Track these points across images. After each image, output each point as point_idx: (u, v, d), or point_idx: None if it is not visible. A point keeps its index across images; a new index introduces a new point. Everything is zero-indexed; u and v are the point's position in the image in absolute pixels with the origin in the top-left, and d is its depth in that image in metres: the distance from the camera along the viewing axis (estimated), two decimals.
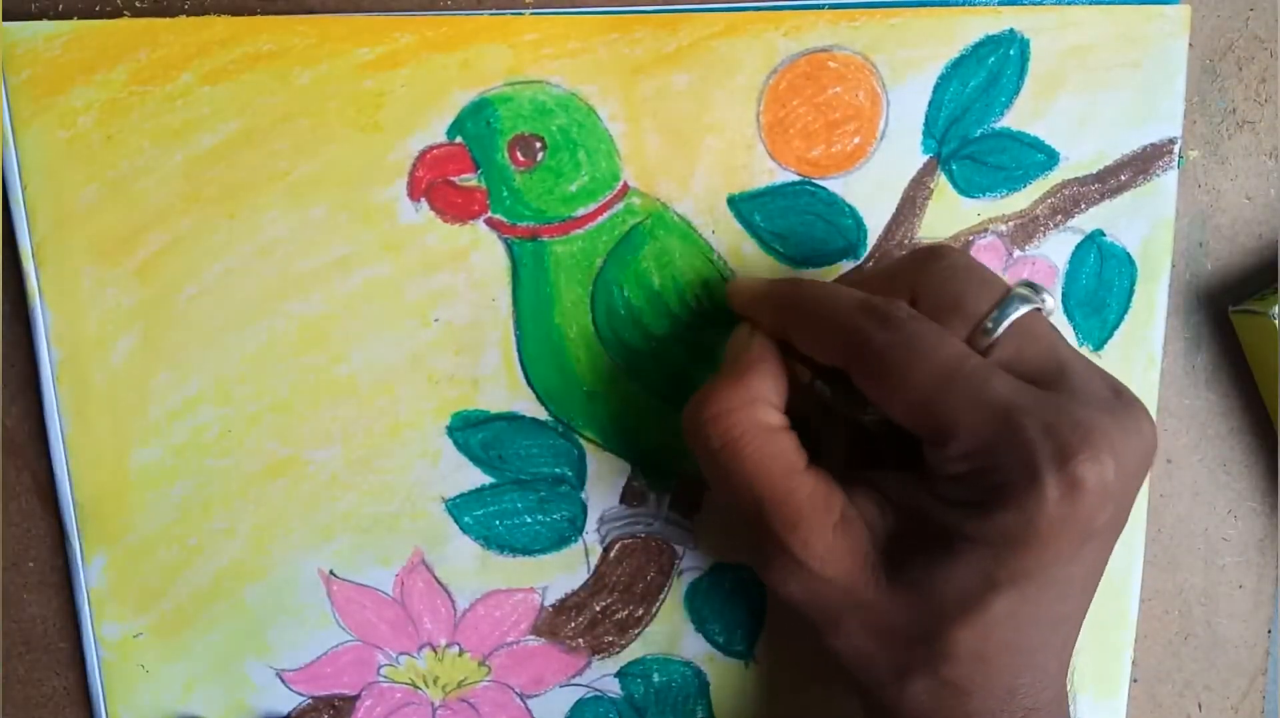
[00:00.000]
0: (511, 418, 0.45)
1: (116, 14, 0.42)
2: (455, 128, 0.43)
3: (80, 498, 0.44)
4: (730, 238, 0.44)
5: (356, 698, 0.46)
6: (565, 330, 0.44)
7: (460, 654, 0.46)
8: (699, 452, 0.39)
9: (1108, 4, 0.44)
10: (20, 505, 0.45)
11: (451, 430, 0.45)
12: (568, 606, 0.46)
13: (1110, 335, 0.46)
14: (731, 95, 0.43)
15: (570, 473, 0.45)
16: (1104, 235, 0.46)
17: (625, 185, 0.44)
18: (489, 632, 0.46)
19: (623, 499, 0.46)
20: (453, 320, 0.44)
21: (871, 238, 0.45)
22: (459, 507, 0.45)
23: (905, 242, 0.45)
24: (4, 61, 0.41)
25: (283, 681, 0.46)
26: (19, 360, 0.44)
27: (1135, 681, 0.49)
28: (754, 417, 0.38)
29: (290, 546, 0.45)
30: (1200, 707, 0.50)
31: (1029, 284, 0.37)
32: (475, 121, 0.43)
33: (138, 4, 0.42)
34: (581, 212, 0.44)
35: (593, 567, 0.46)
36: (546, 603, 0.46)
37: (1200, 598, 0.50)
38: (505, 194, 0.43)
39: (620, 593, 0.46)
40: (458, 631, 0.46)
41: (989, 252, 0.45)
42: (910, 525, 0.37)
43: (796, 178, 0.44)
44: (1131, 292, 0.46)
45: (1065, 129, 0.45)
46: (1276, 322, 0.45)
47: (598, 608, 0.46)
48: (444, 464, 0.45)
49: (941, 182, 0.45)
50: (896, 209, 0.45)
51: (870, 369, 0.36)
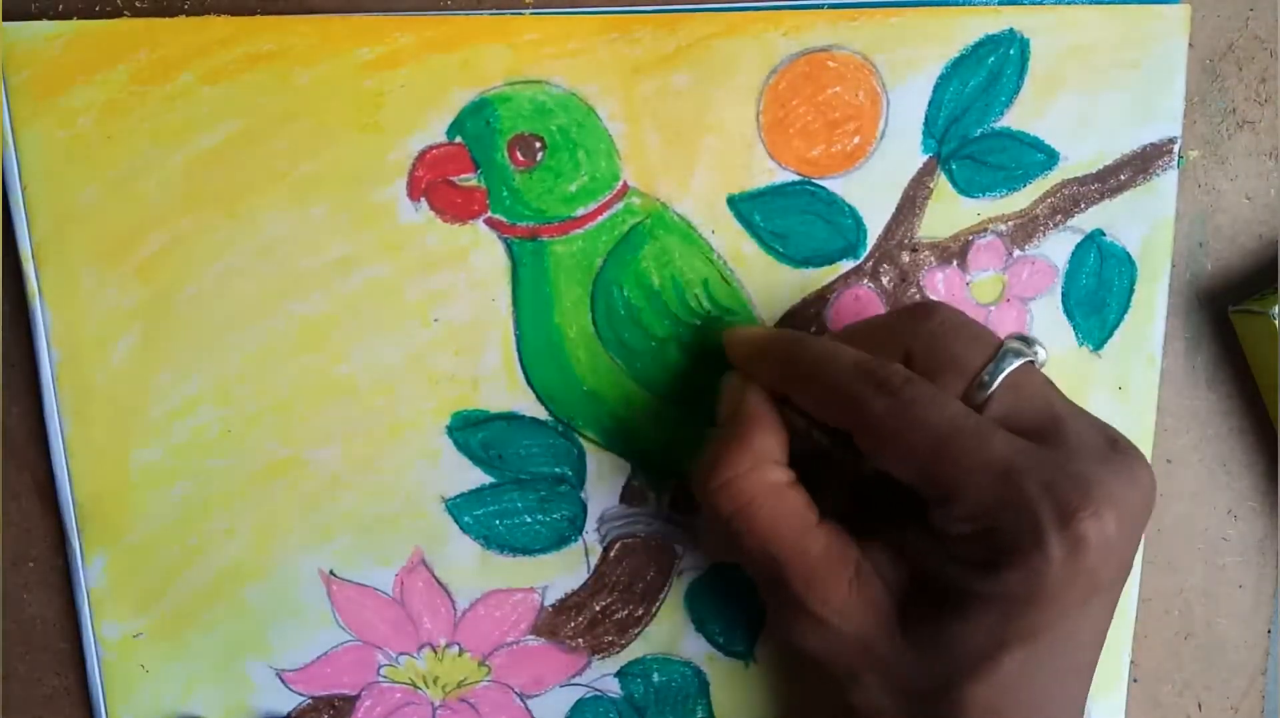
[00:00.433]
0: (511, 418, 0.45)
1: (116, 14, 0.42)
2: (455, 128, 0.43)
3: (80, 498, 0.44)
4: (730, 238, 0.44)
5: (356, 698, 0.46)
6: (565, 330, 0.44)
7: (460, 654, 0.46)
8: (710, 516, 0.39)
9: (1107, 4, 0.44)
10: (20, 506, 0.45)
11: (451, 430, 0.45)
12: (568, 605, 0.46)
13: (1110, 335, 0.46)
14: (731, 95, 0.43)
15: (570, 473, 0.45)
16: (1104, 235, 0.46)
17: (625, 185, 0.44)
18: (489, 632, 0.46)
19: (623, 499, 0.46)
20: (453, 320, 0.44)
21: (871, 238, 0.45)
22: (459, 506, 0.45)
23: (905, 241, 0.45)
24: (4, 61, 0.41)
25: (283, 681, 0.46)
26: (19, 360, 0.44)
27: (1135, 681, 0.49)
28: (762, 478, 0.38)
29: (290, 545, 0.45)
30: (1200, 707, 0.50)
31: (1021, 338, 0.37)
32: (475, 121, 0.43)
33: (138, 4, 0.42)
34: (581, 211, 0.44)
35: (593, 566, 0.46)
36: (546, 603, 0.46)
37: (1200, 598, 0.50)
38: (505, 194, 0.43)
39: (620, 593, 0.46)
40: (458, 630, 0.46)
41: (989, 251, 0.45)
42: (922, 581, 0.37)
43: (796, 177, 0.44)
44: (1131, 291, 0.46)
45: (1065, 129, 0.45)
46: (1276, 322, 0.45)
47: (598, 608, 0.46)
48: (444, 464, 0.45)
49: (941, 181, 0.45)
50: (896, 209, 0.45)
51: (871, 435, 0.36)
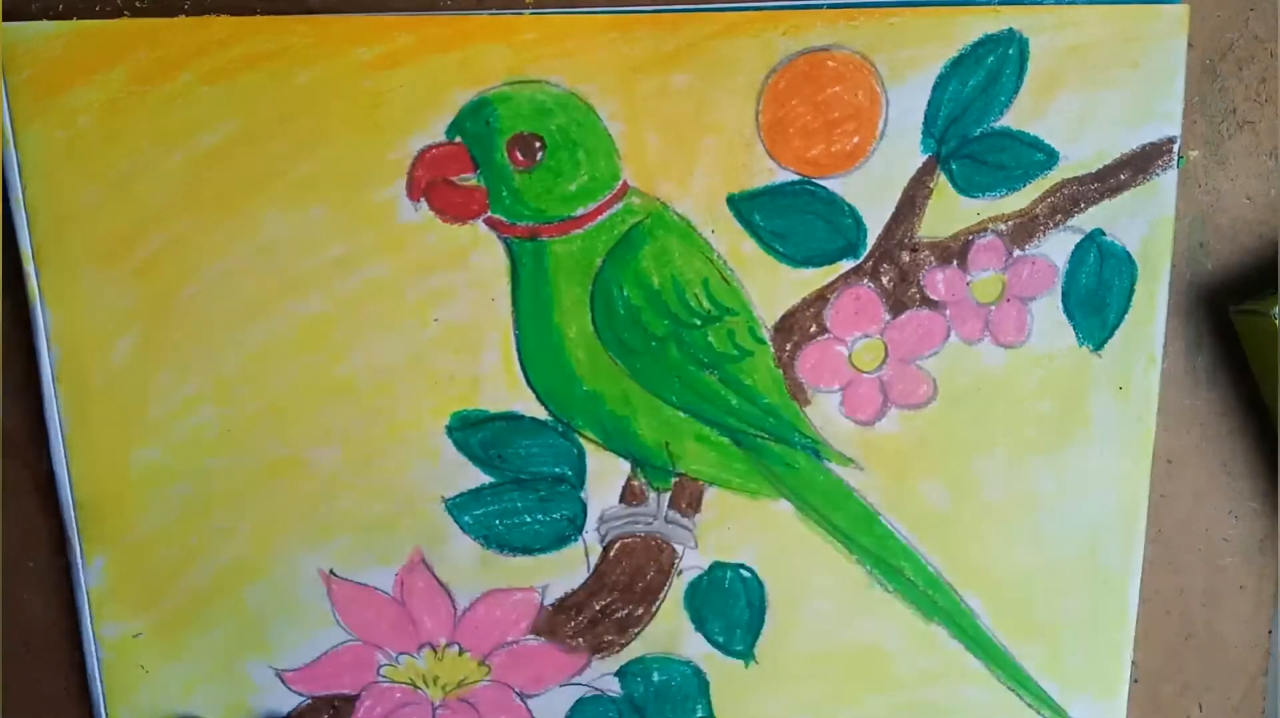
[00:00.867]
0: (511, 418, 0.45)
1: (117, 14, 0.42)
2: (454, 127, 0.43)
3: (80, 498, 0.44)
4: (730, 237, 0.44)
5: (356, 698, 0.46)
6: (564, 330, 0.44)
7: (460, 654, 0.46)
8: None
9: (1107, 4, 0.44)
10: (20, 506, 0.45)
11: (451, 430, 0.45)
12: (567, 605, 0.46)
13: (1110, 335, 0.46)
14: (731, 95, 0.43)
15: (570, 472, 0.45)
16: (1104, 235, 0.46)
17: (625, 185, 0.44)
18: (489, 631, 0.46)
19: (622, 498, 0.45)
20: (452, 320, 0.44)
21: (871, 237, 0.45)
22: (459, 506, 0.45)
23: (905, 240, 0.45)
24: (4, 61, 0.41)
25: (282, 680, 0.46)
26: (19, 360, 0.44)
27: (1136, 681, 0.49)
28: None
29: (290, 545, 0.45)
30: (1201, 707, 0.50)
31: None
32: (474, 121, 0.43)
33: (138, 4, 0.42)
34: (581, 211, 0.44)
35: (593, 566, 0.46)
36: (546, 602, 0.46)
37: (1201, 598, 0.50)
38: (504, 194, 0.43)
39: (620, 592, 0.46)
40: (457, 630, 0.46)
41: (989, 251, 0.45)
42: None
43: (796, 177, 0.44)
44: (1131, 291, 0.46)
45: (1064, 128, 0.45)
46: (1277, 322, 0.45)
47: (597, 607, 0.46)
48: (443, 464, 0.45)
49: (941, 181, 0.45)
50: (896, 208, 0.45)
51: None
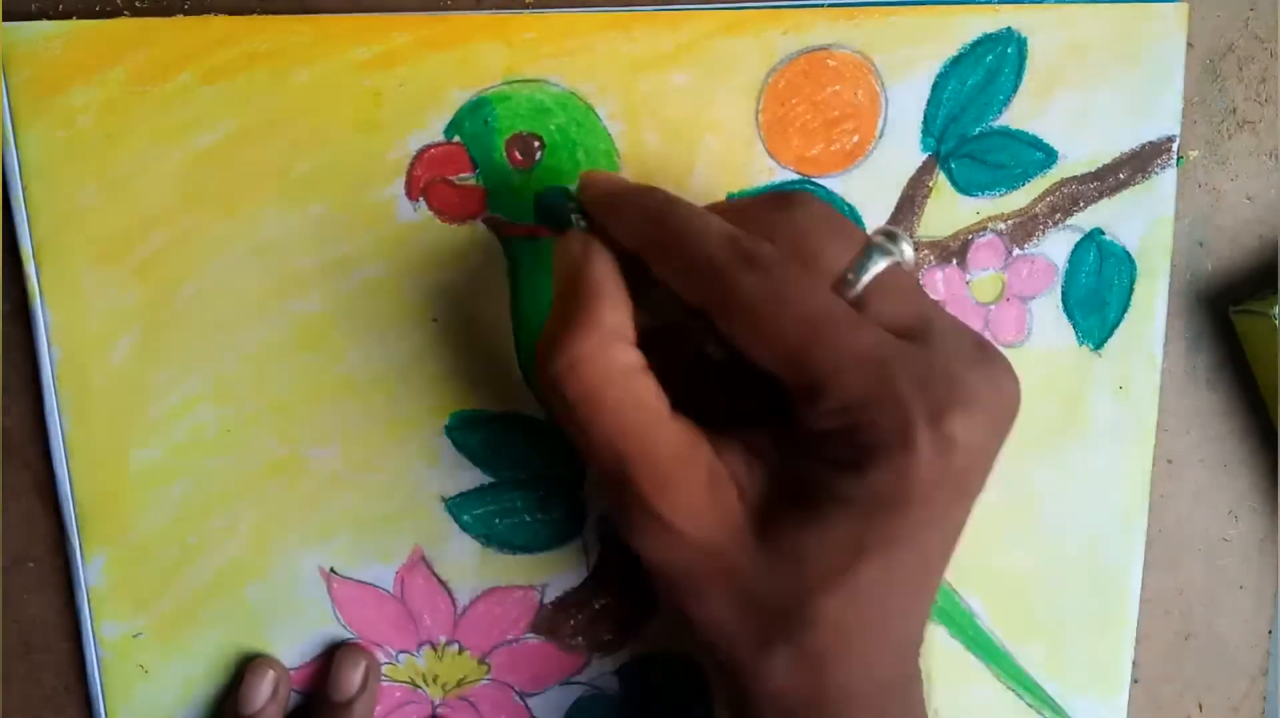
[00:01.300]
0: (511, 417, 0.45)
1: (116, 14, 0.42)
2: (453, 127, 0.43)
3: (80, 497, 0.44)
4: None
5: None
6: None
7: (460, 652, 0.46)
8: (554, 403, 0.35)
9: (1106, 2, 0.44)
10: (20, 506, 0.45)
11: (450, 430, 0.45)
12: (567, 603, 0.46)
13: (1110, 334, 0.46)
14: (730, 94, 0.43)
15: (570, 472, 0.45)
16: (1103, 234, 0.46)
17: None
18: (488, 629, 0.46)
19: None
20: (451, 320, 0.44)
21: None
22: (458, 505, 0.45)
23: None
24: (4, 61, 0.41)
25: None
26: (19, 360, 0.44)
27: (1136, 681, 0.49)
28: (612, 361, 0.34)
29: (290, 543, 0.45)
30: (1201, 707, 0.50)
31: (888, 234, 0.35)
32: (473, 121, 0.43)
33: (138, 4, 0.42)
34: None
35: (592, 565, 0.46)
36: (546, 600, 0.46)
37: (1201, 599, 0.49)
38: (503, 193, 0.43)
39: (620, 591, 0.46)
40: (457, 628, 0.46)
41: (988, 250, 0.45)
42: (777, 485, 0.35)
43: (795, 176, 0.44)
44: (1131, 290, 0.46)
45: (1064, 127, 0.45)
46: (1277, 322, 0.45)
47: (597, 606, 0.46)
48: (443, 463, 0.45)
49: (940, 180, 0.45)
50: (895, 208, 0.45)
51: (737, 314, 0.33)
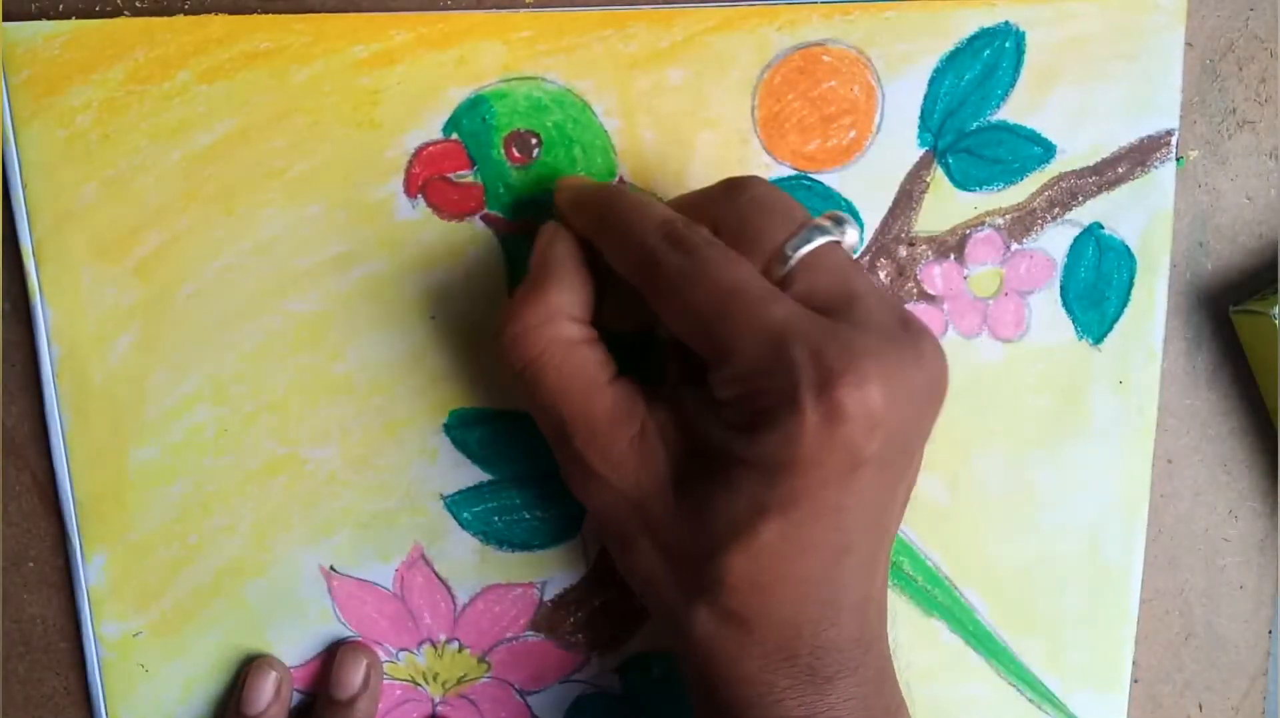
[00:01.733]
0: (509, 415, 0.45)
1: (116, 13, 0.42)
2: (451, 125, 0.43)
3: (80, 496, 0.44)
4: None
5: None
6: None
7: (460, 650, 0.46)
8: (507, 369, 0.39)
9: None
10: (20, 505, 0.45)
11: (449, 428, 0.45)
12: (567, 601, 0.46)
13: (1110, 329, 0.46)
14: (726, 90, 0.43)
15: None
16: (1102, 228, 0.46)
17: (621, 181, 0.44)
18: (488, 627, 0.46)
19: None
20: (450, 317, 0.44)
21: (868, 232, 0.45)
22: (458, 503, 0.45)
23: (902, 235, 0.45)
24: (4, 61, 0.41)
25: None
26: (19, 359, 0.44)
27: (1136, 681, 0.49)
28: (555, 333, 0.38)
29: (290, 542, 0.45)
30: (1201, 707, 0.50)
31: (832, 216, 0.37)
32: (471, 118, 0.43)
33: (138, 4, 0.42)
34: None
35: (592, 562, 0.46)
36: (545, 598, 0.46)
37: (1201, 598, 0.49)
38: (501, 190, 0.43)
39: (619, 588, 0.46)
40: (457, 626, 0.46)
41: (986, 245, 0.45)
42: (697, 446, 0.37)
43: (792, 172, 0.44)
44: (1131, 285, 0.46)
45: (1062, 122, 0.45)
46: (1277, 322, 0.45)
47: (597, 603, 0.46)
48: (442, 461, 0.45)
49: (938, 175, 0.45)
50: (893, 203, 0.45)
51: (658, 290, 0.36)
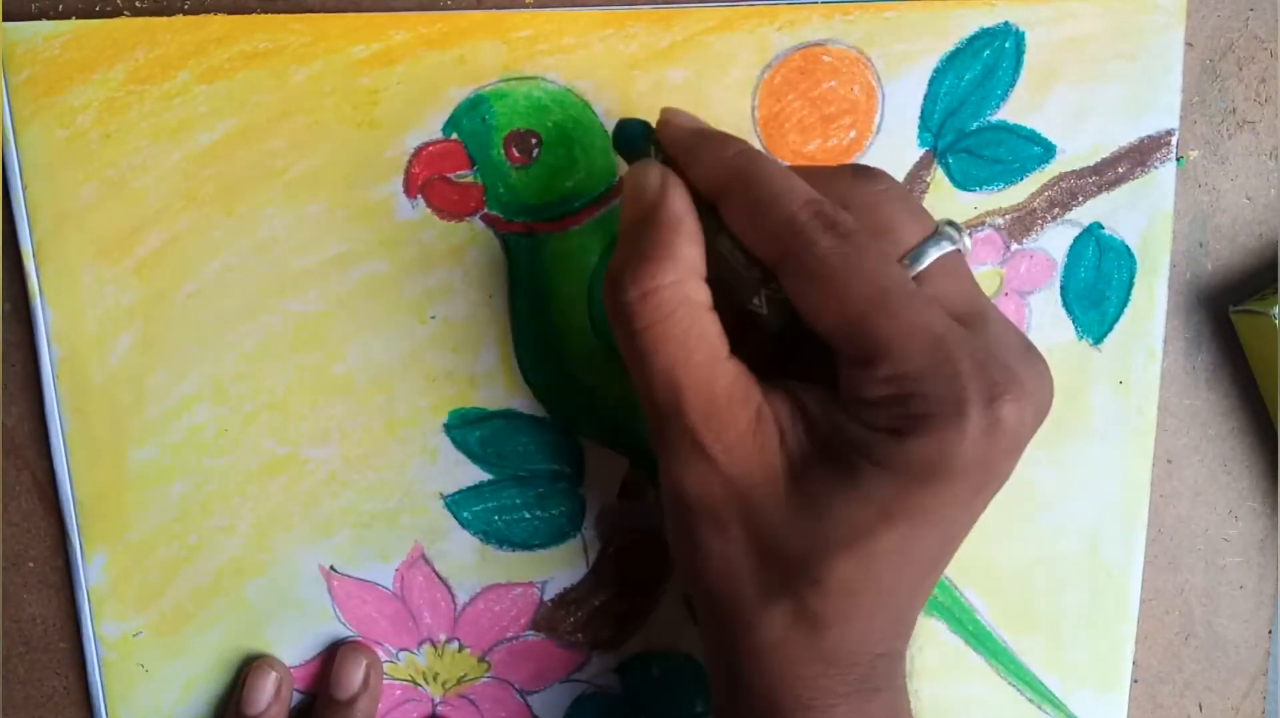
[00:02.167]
0: (509, 415, 0.45)
1: (116, 14, 0.42)
2: (451, 124, 0.43)
3: (80, 496, 0.44)
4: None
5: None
6: (562, 327, 0.44)
7: (460, 650, 0.46)
8: (619, 330, 0.36)
9: None
10: (20, 505, 0.45)
11: (449, 428, 0.45)
12: (567, 600, 0.46)
13: (1110, 329, 0.46)
14: (726, 90, 0.43)
15: (568, 469, 0.45)
16: (1102, 228, 0.46)
17: (621, 181, 0.44)
18: (489, 627, 0.46)
19: (621, 494, 0.45)
20: (449, 317, 0.44)
21: None
22: (458, 503, 0.45)
23: None
24: (4, 61, 0.41)
25: None
26: (19, 360, 0.44)
27: (1136, 681, 0.49)
28: (685, 293, 0.35)
29: (290, 542, 0.45)
30: (1201, 707, 0.50)
31: (952, 223, 0.36)
32: (471, 118, 0.43)
33: (137, 4, 0.42)
34: (578, 207, 0.44)
35: (591, 562, 0.46)
36: (546, 598, 0.46)
37: (1201, 598, 0.49)
38: (501, 190, 0.43)
39: (619, 588, 0.46)
40: (458, 626, 0.46)
41: (986, 245, 0.45)
42: (818, 442, 0.35)
43: None
44: (1131, 285, 0.46)
45: (1062, 122, 0.45)
46: (1277, 321, 0.45)
47: (597, 603, 0.46)
48: (442, 461, 0.45)
49: (938, 175, 0.45)
50: None
51: (808, 274, 0.34)
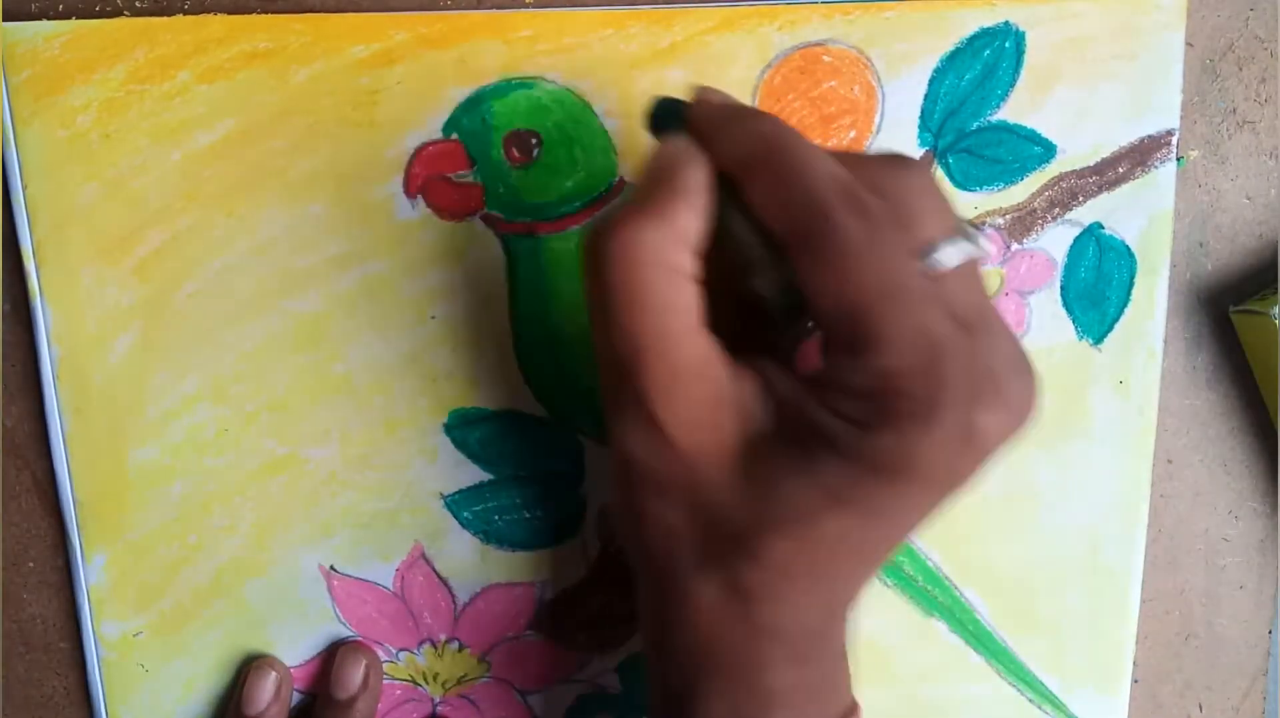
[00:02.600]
0: (509, 415, 0.45)
1: (116, 14, 0.42)
2: (451, 124, 0.43)
3: (80, 496, 0.44)
4: None
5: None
6: (562, 326, 0.44)
7: (460, 650, 0.46)
8: (591, 280, 0.35)
9: None
10: (20, 505, 0.45)
11: (449, 428, 0.45)
12: (567, 600, 0.46)
13: (1110, 329, 0.46)
14: (727, 90, 0.43)
15: (569, 469, 0.45)
16: (1102, 228, 0.46)
17: (621, 181, 0.44)
18: (489, 627, 0.46)
19: None
20: (450, 317, 0.44)
21: None
22: (458, 503, 0.45)
23: None
24: (4, 61, 0.41)
25: None
26: (19, 360, 0.44)
27: (1136, 681, 0.49)
28: (669, 257, 0.34)
29: (290, 542, 0.45)
30: (1201, 707, 0.50)
31: (974, 224, 0.36)
32: (471, 118, 0.43)
33: (137, 4, 0.42)
34: (578, 207, 0.44)
35: (591, 562, 0.46)
36: (546, 598, 0.46)
37: (1201, 598, 0.49)
38: (501, 190, 0.43)
39: (619, 588, 0.46)
40: (458, 626, 0.46)
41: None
42: (781, 422, 0.35)
43: None
44: (1131, 285, 0.46)
45: (1062, 122, 0.45)
46: (1277, 322, 0.45)
47: (597, 603, 0.46)
48: (442, 461, 0.45)
49: (938, 175, 0.45)
50: None
51: (823, 252, 0.33)
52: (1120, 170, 0.45)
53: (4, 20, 0.42)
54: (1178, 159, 0.46)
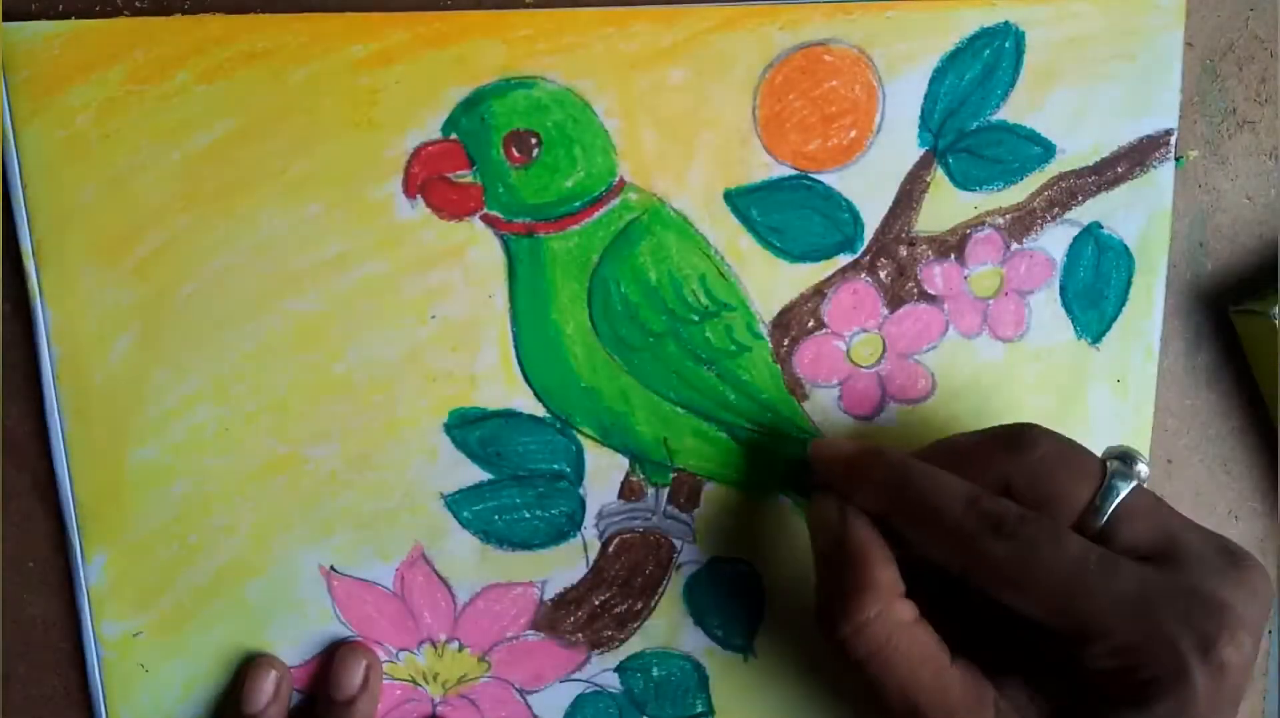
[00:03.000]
0: (509, 414, 0.45)
1: (115, 14, 0.42)
2: (450, 124, 0.43)
3: (80, 496, 0.44)
4: (727, 233, 0.44)
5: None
6: (562, 326, 0.44)
7: (460, 650, 0.46)
8: (843, 661, 0.38)
9: None
10: (20, 505, 0.45)
11: (449, 428, 0.45)
12: (567, 600, 0.46)
13: (1108, 328, 0.46)
14: (727, 90, 0.43)
15: (568, 469, 0.45)
16: (1101, 228, 0.46)
17: (621, 181, 0.44)
18: (489, 627, 0.46)
19: (621, 494, 0.45)
20: (450, 317, 0.44)
21: (868, 231, 0.45)
22: (458, 502, 0.45)
23: (902, 235, 0.45)
24: (4, 61, 0.41)
25: None
26: (19, 360, 0.44)
27: None
28: (893, 618, 0.37)
29: (290, 542, 0.45)
30: None
31: (1121, 457, 0.37)
32: (470, 118, 0.43)
33: (137, 4, 0.42)
34: (578, 207, 0.44)
35: (591, 561, 0.46)
36: (545, 597, 0.46)
37: None
38: (501, 190, 0.43)
39: (619, 587, 0.46)
40: (458, 625, 0.46)
41: (986, 245, 0.45)
42: (1059, 716, 0.37)
43: (793, 172, 0.44)
44: (1129, 284, 0.46)
45: (1061, 122, 0.45)
46: (1277, 322, 0.45)
47: (597, 602, 0.46)
48: (442, 461, 0.45)
49: (938, 175, 0.45)
50: (893, 202, 0.45)
51: (992, 579, 0.36)
52: (1119, 170, 0.45)
53: (4, 20, 0.42)
54: (1176, 159, 0.46)
